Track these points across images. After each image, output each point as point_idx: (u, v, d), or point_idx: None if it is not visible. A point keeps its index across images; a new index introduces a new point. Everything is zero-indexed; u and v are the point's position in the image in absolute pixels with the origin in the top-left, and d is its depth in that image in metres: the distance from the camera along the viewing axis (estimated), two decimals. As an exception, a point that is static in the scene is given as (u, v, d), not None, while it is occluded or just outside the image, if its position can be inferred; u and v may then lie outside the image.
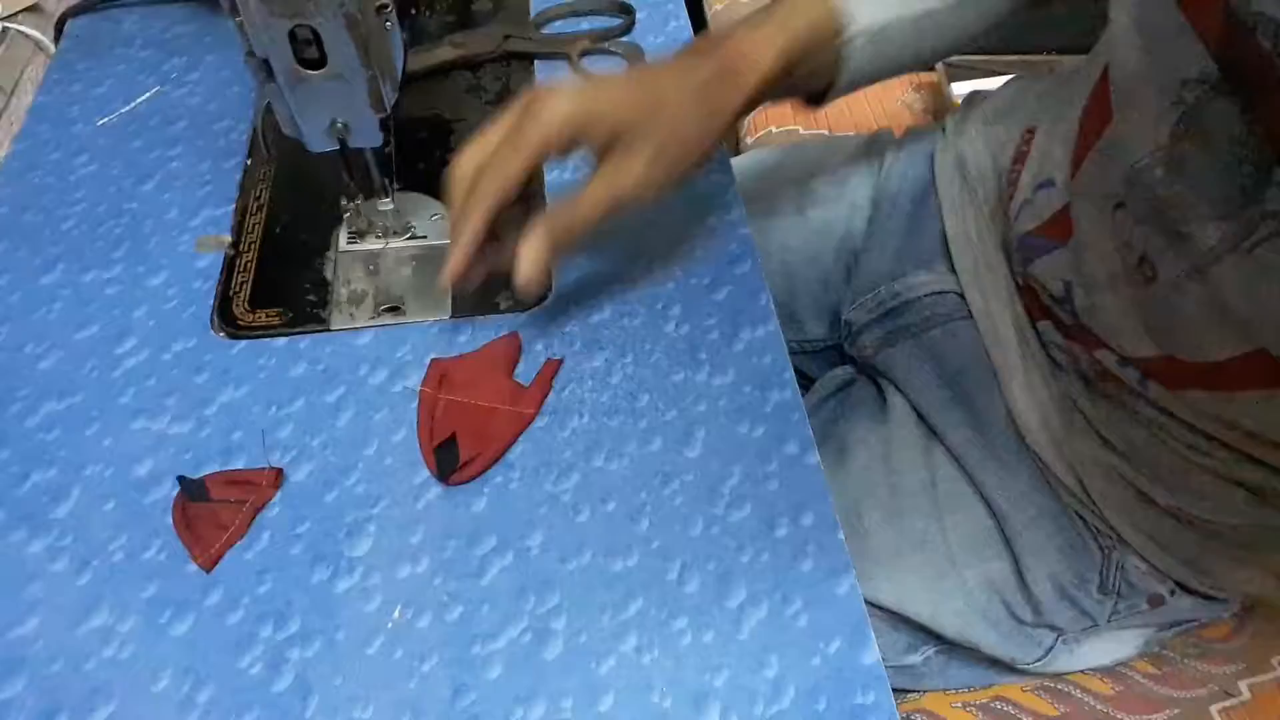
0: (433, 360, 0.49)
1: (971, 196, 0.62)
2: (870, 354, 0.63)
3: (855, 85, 0.54)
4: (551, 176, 0.59)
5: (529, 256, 0.44)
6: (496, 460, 0.46)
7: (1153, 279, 0.44)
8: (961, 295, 0.60)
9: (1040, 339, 0.56)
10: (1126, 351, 0.48)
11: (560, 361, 0.49)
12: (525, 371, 0.50)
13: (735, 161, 0.61)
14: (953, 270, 0.61)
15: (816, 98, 0.54)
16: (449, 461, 0.45)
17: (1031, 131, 0.58)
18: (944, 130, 0.67)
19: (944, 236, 0.62)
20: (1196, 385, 0.45)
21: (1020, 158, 0.59)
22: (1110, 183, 0.47)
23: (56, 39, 0.70)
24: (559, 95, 0.44)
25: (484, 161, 0.44)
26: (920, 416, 0.60)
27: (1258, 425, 0.43)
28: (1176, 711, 0.68)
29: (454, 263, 0.45)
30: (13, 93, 0.71)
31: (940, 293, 0.61)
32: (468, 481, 0.45)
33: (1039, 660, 0.62)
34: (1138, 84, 0.43)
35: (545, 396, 0.48)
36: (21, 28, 0.72)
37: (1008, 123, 0.63)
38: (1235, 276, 0.39)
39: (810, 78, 0.52)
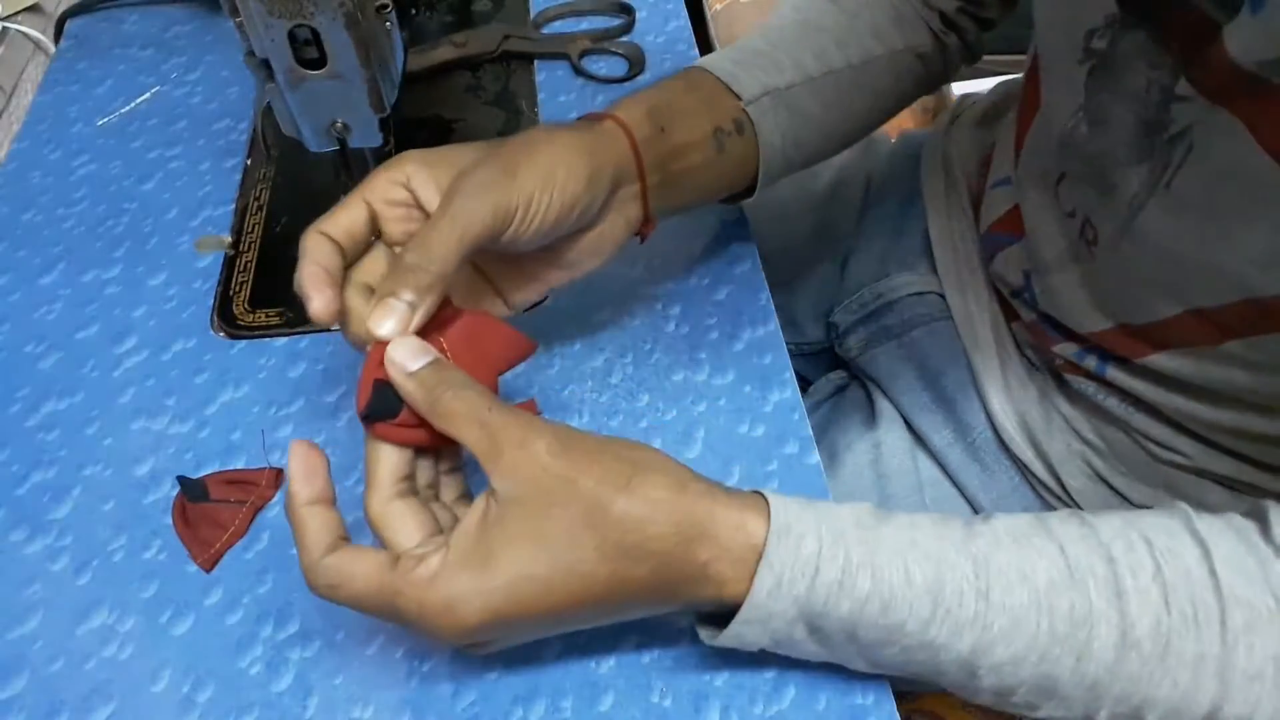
0: (448, 305, 0.37)
1: (956, 198, 0.62)
2: (855, 355, 0.64)
3: (785, 160, 0.49)
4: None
5: (381, 317, 0.34)
6: (426, 450, 0.36)
7: (1094, 242, 0.45)
8: (943, 296, 0.60)
9: (1015, 340, 0.56)
10: (1083, 329, 0.48)
11: (533, 402, 0.37)
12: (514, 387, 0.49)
13: (735, 162, 0.61)
14: (935, 271, 0.62)
15: (748, 189, 0.49)
16: (386, 407, 0.34)
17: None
18: (934, 132, 0.68)
19: (928, 238, 0.62)
20: (1148, 349, 0.45)
21: (986, 161, 0.60)
22: (1046, 159, 0.48)
23: (56, 39, 0.70)
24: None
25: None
26: (905, 420, 0.60)
27: (1218, 384, 0.43)
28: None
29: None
30: (13, 93, 0.71)
31: (922, 293, 0.61)
32: (388, 442, 0.35)
33: None
34: (1055, 51, 0.45)
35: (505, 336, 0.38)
36: (21, 28, 0.72)
37: (992, 126, 0.63)
38: (1160, 222, 0.40)
39: (721, 156, 0.46)
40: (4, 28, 0.70)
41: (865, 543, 0.34)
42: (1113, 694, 0.33)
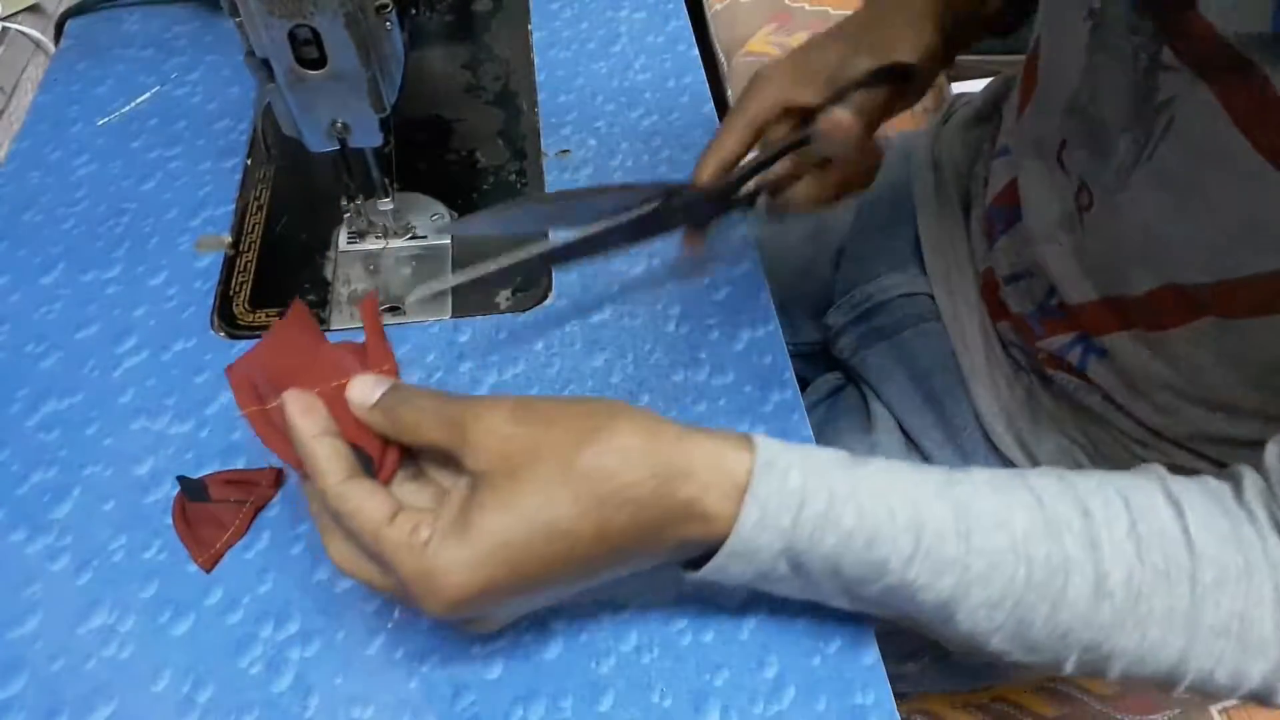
0: (227, 370, 0.38)
1: (946, 199, 0.62)
2: (848, 356, 0.64)
3: None
4: (551, 177, 0.59)
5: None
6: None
7: (1089, 207, 0.45)
8: (933, 297, 0.60)
9: (1002, 341, 0.56)
10: (1071, 300, 0.48)
11: (374, 293, 0.38)
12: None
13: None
14: (925, 272, 0.61)
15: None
16: (367, 465, 0.35)
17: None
18: (925, 133, 0.68)
19: (919, 239, 0.62)
20: (1124, 327, 0.45)
21: (978, 161, 0.61)
22: (1047, 126, 0.48)
23: (56, 39, 0.70)
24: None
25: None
26: (898, 422, 0.60)
27: (1188, 374, 0.43)
28: (1177, 711, 0.68)
29: None
30: (13, 93, 0.71)
31: (912, 294, 0.61)
32: (393, 476, 0.36)
33: None
34: (1059, 11, 0.45)
35: (386, 341, 0.39)
36: (21, 28, 0.72)
37: (986, 126, 0.63)
38: (1145, 192, 0.40)
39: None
40: (4, 28, 0.70)
41: (849, 480, 0.34)
42: (1082, 642, 0.34)
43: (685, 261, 0.52)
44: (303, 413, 0.34)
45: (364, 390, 0.35)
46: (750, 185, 0.46)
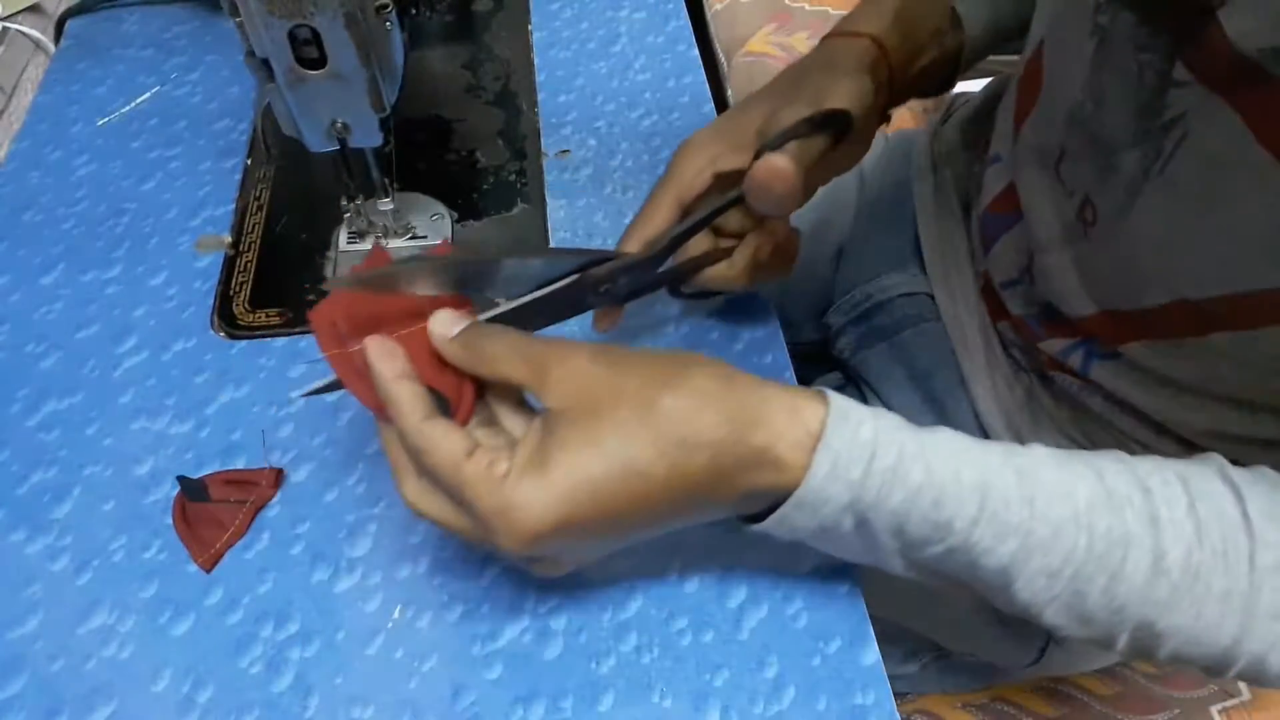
0: (311, 312, 0.37)
1: (945, 199, 0.62)
2: (848, 356, 0.64)
3: (979, 51, 0.53)
4: (551, 177, 0.60)
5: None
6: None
7: (1093, 223, 0.45)
8: (932, 296, 0.60)
9: (1002, 341, 0.56)
10: (1072, 312, 0.48)
11: (448, 240, 0.39)
12: None
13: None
14: (924, 271, 0.61)
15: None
16: (444, 407, 0.36)
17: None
18: (924, 132, 0.68)
19: (917, 238, 0.62)
20: (1135, 337, 0.45)
21: (977, 160, 0.60)
22: (1048, 136, 0.48)
23: (56, 39, 0.70)
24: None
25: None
26: None
27: (1201, 377, 0.43)
28: (1177, 711, 0.68)
29: None
30: (13, 93, 0.71)
31: (911, 294, 0.61)
32: (469, 417, 0.37)
33: (1034, 664, 0.62)
34: (1065, 23, 0.45)
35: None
36: (21, 28, 0.72)
37: (983, 125, 0.63)
38: (1155, 208, 0.40)
39: (941, 53, 0.51)
40: (4, 28, 0.70)
41: (917, 440, 0.34)
42: (1137, 618, 0.34)
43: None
44: (383, 357, 0.34)
45: (445, 323, 0.36)
46: (670, 263, 0.45)
